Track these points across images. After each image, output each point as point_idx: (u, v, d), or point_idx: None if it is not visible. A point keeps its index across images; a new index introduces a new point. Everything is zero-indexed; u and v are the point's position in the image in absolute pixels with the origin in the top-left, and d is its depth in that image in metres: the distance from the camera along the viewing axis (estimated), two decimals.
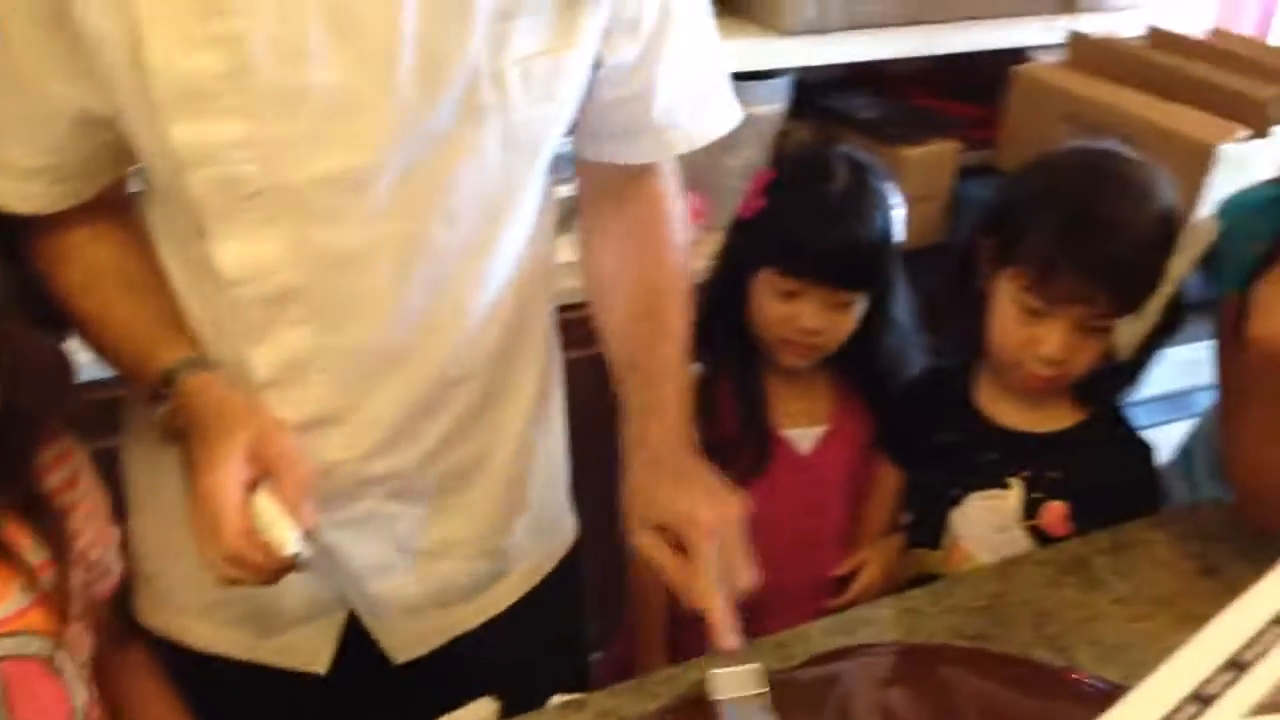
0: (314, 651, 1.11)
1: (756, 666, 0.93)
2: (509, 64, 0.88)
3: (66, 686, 0.89)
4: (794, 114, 1.98)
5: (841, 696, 0.96)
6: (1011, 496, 1.29)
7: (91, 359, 0.98)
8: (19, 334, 0.86)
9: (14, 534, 0.86)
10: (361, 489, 1.03)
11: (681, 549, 0.94)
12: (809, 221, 1.30)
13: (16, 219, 0.94)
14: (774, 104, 1.92)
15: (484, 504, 1.11)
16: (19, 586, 0.86)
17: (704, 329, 1.39)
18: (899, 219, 1.34)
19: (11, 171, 0.92)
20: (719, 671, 0.93)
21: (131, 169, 0.97)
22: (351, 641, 1.11)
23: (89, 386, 0.96)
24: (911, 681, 0.98)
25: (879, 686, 0.98)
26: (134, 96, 0.83)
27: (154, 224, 0.98)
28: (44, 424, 0.91)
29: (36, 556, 0.87)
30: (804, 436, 1.40)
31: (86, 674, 0.92)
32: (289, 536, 0.85)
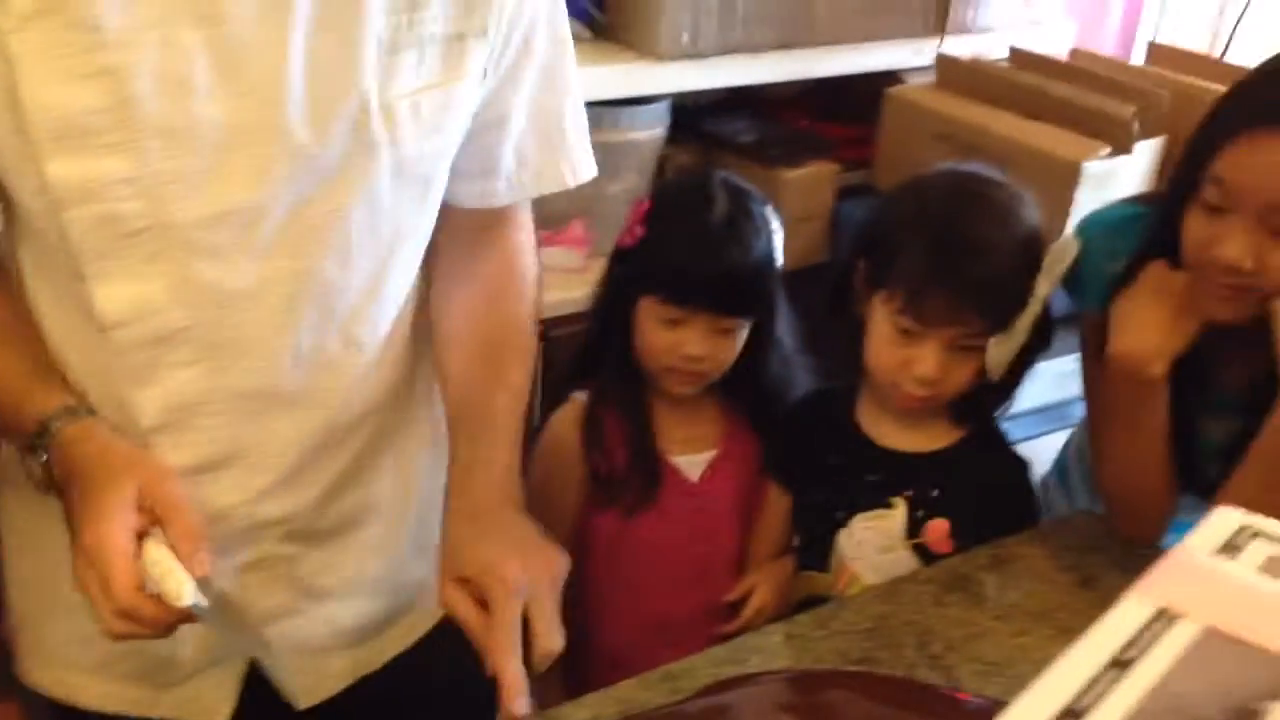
0: (215, 702, 1.08)
1: None
2: (398, 98, 0.87)
3: None
4: (674, 138, 2.00)
5: None
6: (895, 516, 1.31)
7: None
8: None
9: None
10: (257, 532, 1.00)
11: (484, 604, 0.93)
12: (690, 249, 1.30)
13: None
14: (654, 129, 1.94)
15: (385, 541, 1.10)
16: None
17: (589, 358, 1.40)
18: (779, 243, 1.36)
19: None
20: None
21: None
22: (253, 689, 1.08)
23: None
24: (800, 709, 0.98)
25: (768, 715, 0.99)
26: (8, 136, 0.80)
27: (26, 267, 0.94)
28: None
29: None
30: (692, 463, 1.40)
31: None
32: (184, 588, 0.82)
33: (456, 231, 1.08)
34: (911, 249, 1.21)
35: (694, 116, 2.06)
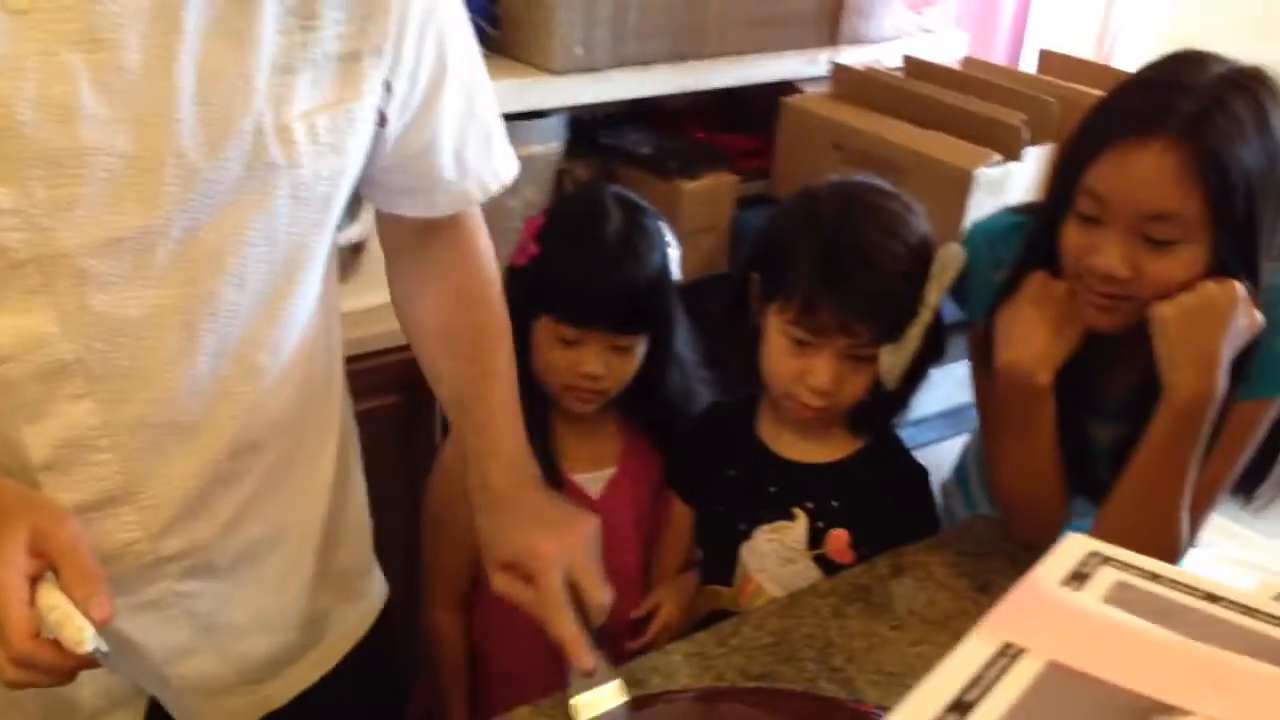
0: None
1: (616, 682, 0.99)
2: (294, 119, 0.85)
3: None
4: (572, 152, 1.99)
5: None
6: (797, 528, 1.31)
7: None
8: None
9: None
10: (156, 569, 0.97)
11: (532, 582, 1.00)
12: (584, 267, 1.29)
13: None
14: (551, 143, 1.92)
15: (288, 574, 1.07)
16: None
17: None
18: (674, 257, 1.35)
19: None
20: (582, 696, 0.98)
21: None
22: None
23: None
24: None
25: None
26: None
27: None
28: None
29: None
30: (593, 480, 1.39)
31: None
32: (84, 633, 0.79)
33: (406, 237, 1.10)
34: (802, 260, 1.21)
35: (591, 129, 2.05)
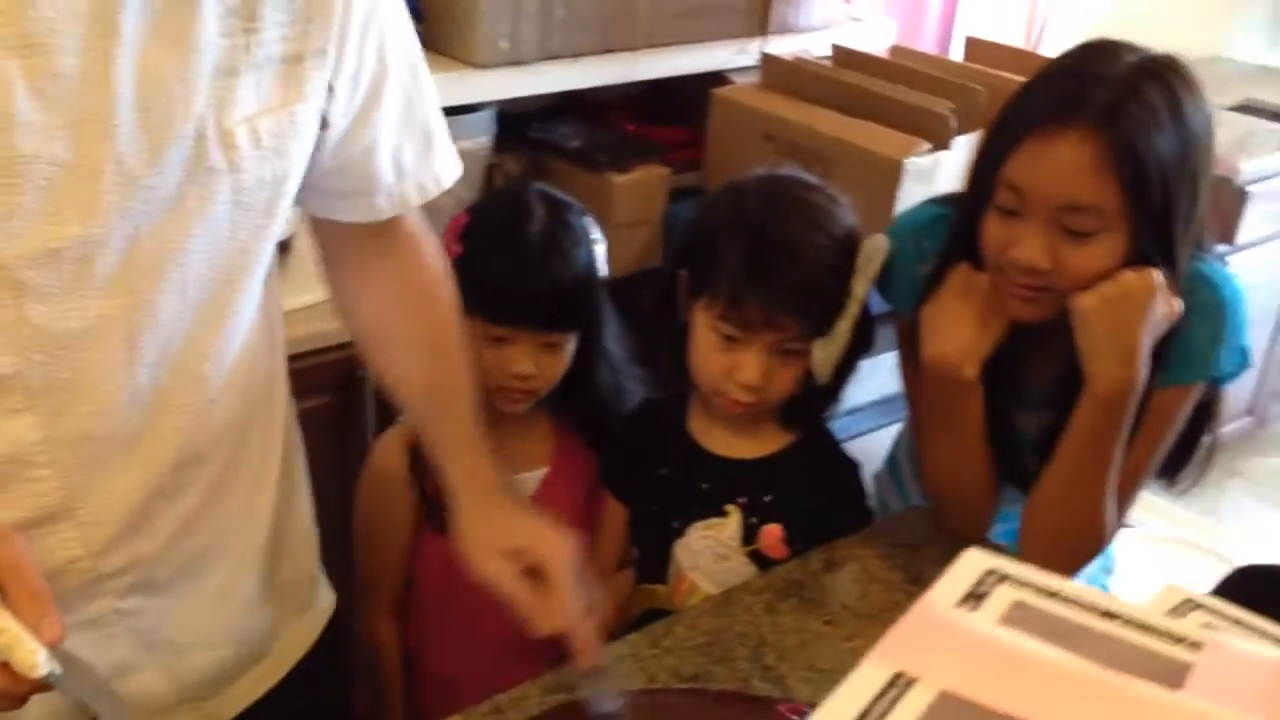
0: None
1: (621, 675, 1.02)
2: (236, 123, 0.83)
3: None
4: (502, 146, 1.96)
5: None
6: (730, 524, 1.30)
7: None
8: None
9: None
10: (97, 586, 0.94)
11: (532, 576, 1.03)
12: (509, 266, 1.27)
13: None
14: (479, 138, 1.90)
15: (232, 587, 1.04)
16: None
17: None
18: (601, 253, 1.34)
19: None
20: (590, 691, 1.01)
21: None
22: None
23: None
24: None
25: None
26: None
27: None
28: None
29: None
30: (525, 481, 1.37)
31: None
32: (37, 656, 0.76)
33: (348, 243, 1.08)
34: (728, 256, 1.20)
35: (520, 123, 2.03)
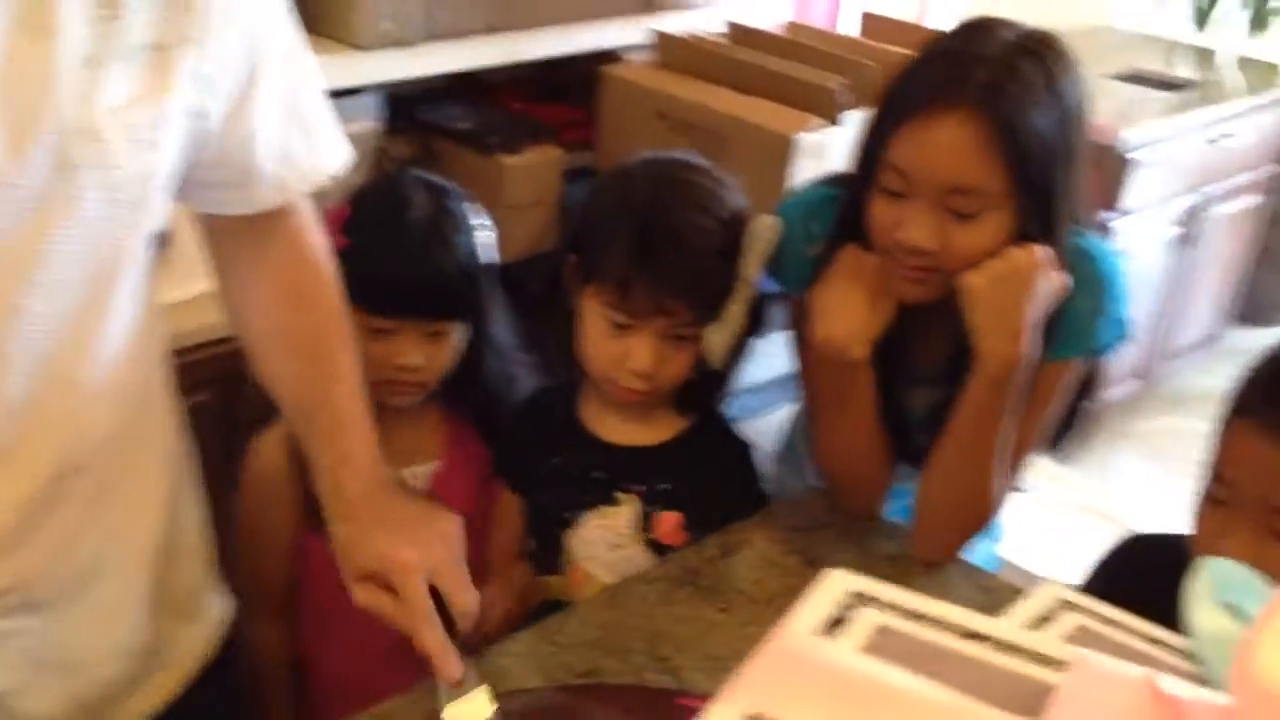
0: None
1: (483, 689, 0.97)
2: (103, 114, 0.80)
3: None
4: (390, 130, 1.92)
5: None
6: (624, 512, 1.28)
7: None
8: None
9: None
10: None
11: (394, 591, 0.99)
12: (391, 256, 1.24)
13: None
14: (364, 121, 1.85)
15: (122, 600, 1.00)
16: None
17: None
18: (485, 239, 1.31)
19: None
20: (451, 708, 0.96)
21: None
22: None
23: None
24: None
25: None
26: None
27: None
28: None
29: None
30: (416, 475, 1.35)
31: None
32: None
33: (230, 236, 1.04)
34: (615, 241, 1.18)
35: (408, 105, 1.98)
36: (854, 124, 1.89)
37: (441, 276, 1.25)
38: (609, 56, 2.08)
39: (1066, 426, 1.29)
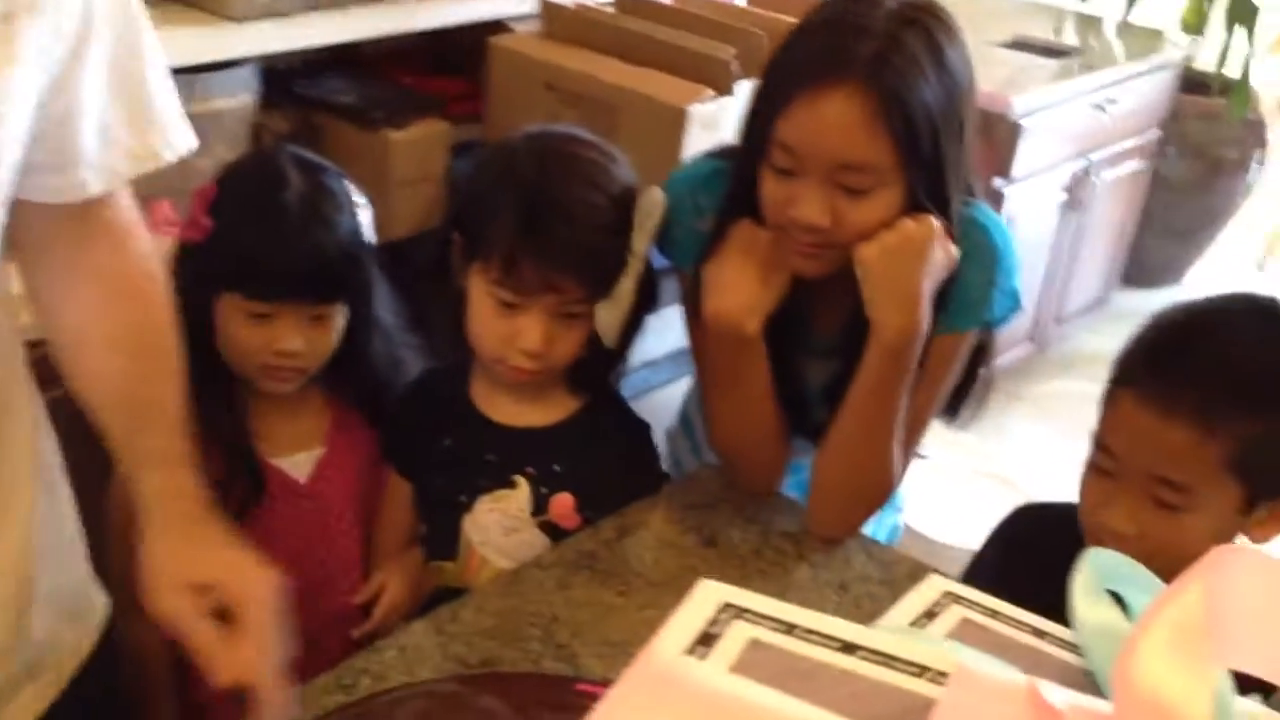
0: None
1: None
2: None
3: None
4: (267, 104, 1.84)
5: None
6: (518, 495, 1.25)
7: None
8: None
9: None
10: None
11: (222, 617, 0.90)
12: (267, 238, 1.19)
13: None
14: (240, 96, 1.77)
15: None
16: None
17: None
18: (365, 219, 1.26)
19: None
20: None
21: None
22: None
23: None
24: None
25: None
26: None
27: None
28: None
29: None
30: (299, 463, 1.30)
31: None
32: None
33: (49, 228, 0.96)
34: (501, 218, 1.15)
35: (286, 79, 1.91)
36: (745, 94, 1.87)
37: (322, 258, 1.20)
38: (497, 27, 2.02)
39: (961, 397, 1.29)
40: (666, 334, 1.36)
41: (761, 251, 1.13)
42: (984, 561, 1.30)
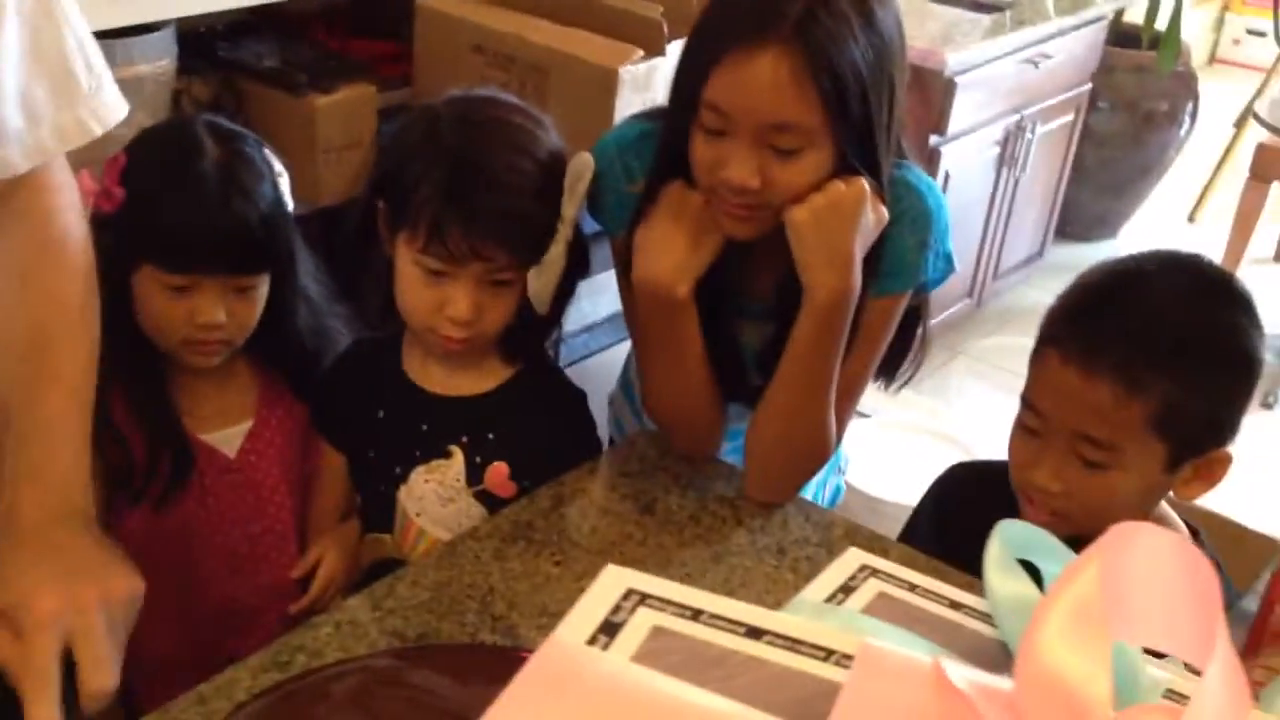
0: None
1: None
2: None
3: None
4: (187, 69, 1.79)
5: None
6: (454, 465, 1.24)
7: None
8: None
9: None
10: None
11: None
12: (184, 208, 1.16)
13: None
14: (158, 60, 1.72)
15: None
16: None
17: None
18: (285, 186, 1.23)
19: None
20: None
21: None
22: None
23: None
24: (355, 703, 0.90)
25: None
26: None
27: None
28: None
29: None
30: (227, 438, 1.27)
31: None
32: None
33: None
34: (425, 186, 1.12)
35: (208, 43, 1.86)
36: (676, 55, 1.85)
37: (243, 228, 1.17)
38: None
39: (897, 360, 1.29)
40: (604, 298, 1.34)
41: (692, 214, 1.12)
42: (920, 520, 1.30)
